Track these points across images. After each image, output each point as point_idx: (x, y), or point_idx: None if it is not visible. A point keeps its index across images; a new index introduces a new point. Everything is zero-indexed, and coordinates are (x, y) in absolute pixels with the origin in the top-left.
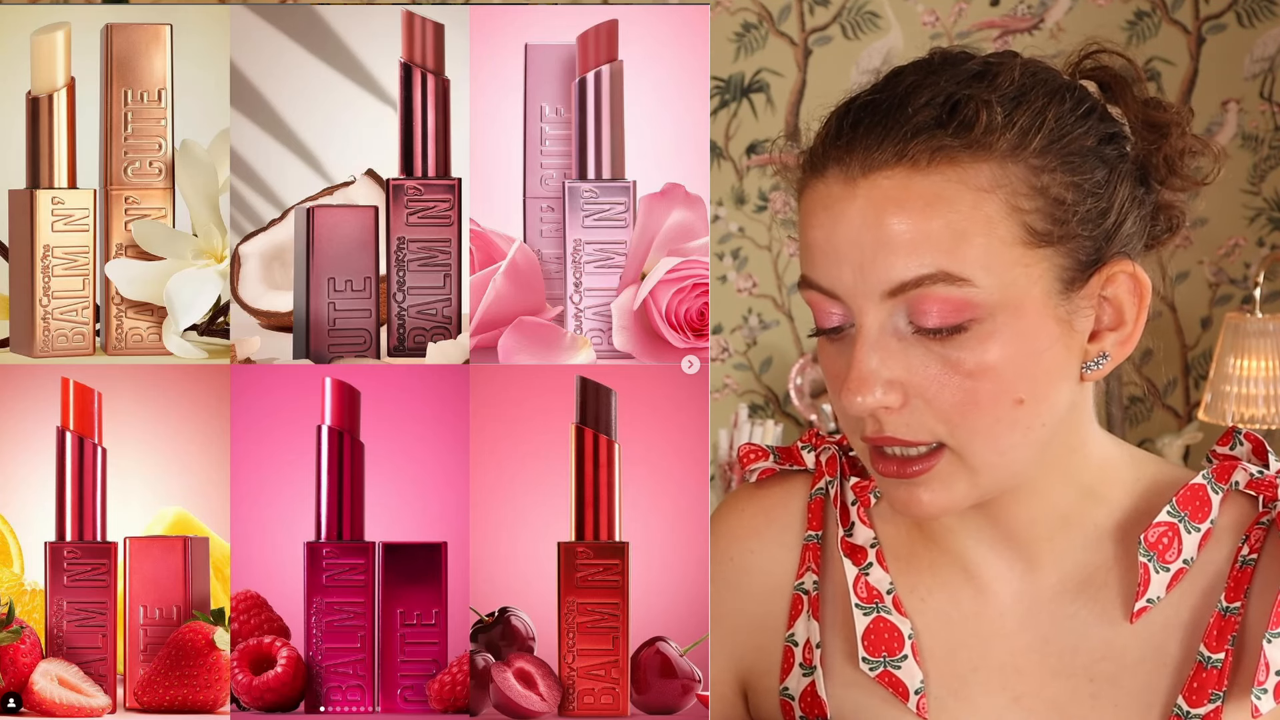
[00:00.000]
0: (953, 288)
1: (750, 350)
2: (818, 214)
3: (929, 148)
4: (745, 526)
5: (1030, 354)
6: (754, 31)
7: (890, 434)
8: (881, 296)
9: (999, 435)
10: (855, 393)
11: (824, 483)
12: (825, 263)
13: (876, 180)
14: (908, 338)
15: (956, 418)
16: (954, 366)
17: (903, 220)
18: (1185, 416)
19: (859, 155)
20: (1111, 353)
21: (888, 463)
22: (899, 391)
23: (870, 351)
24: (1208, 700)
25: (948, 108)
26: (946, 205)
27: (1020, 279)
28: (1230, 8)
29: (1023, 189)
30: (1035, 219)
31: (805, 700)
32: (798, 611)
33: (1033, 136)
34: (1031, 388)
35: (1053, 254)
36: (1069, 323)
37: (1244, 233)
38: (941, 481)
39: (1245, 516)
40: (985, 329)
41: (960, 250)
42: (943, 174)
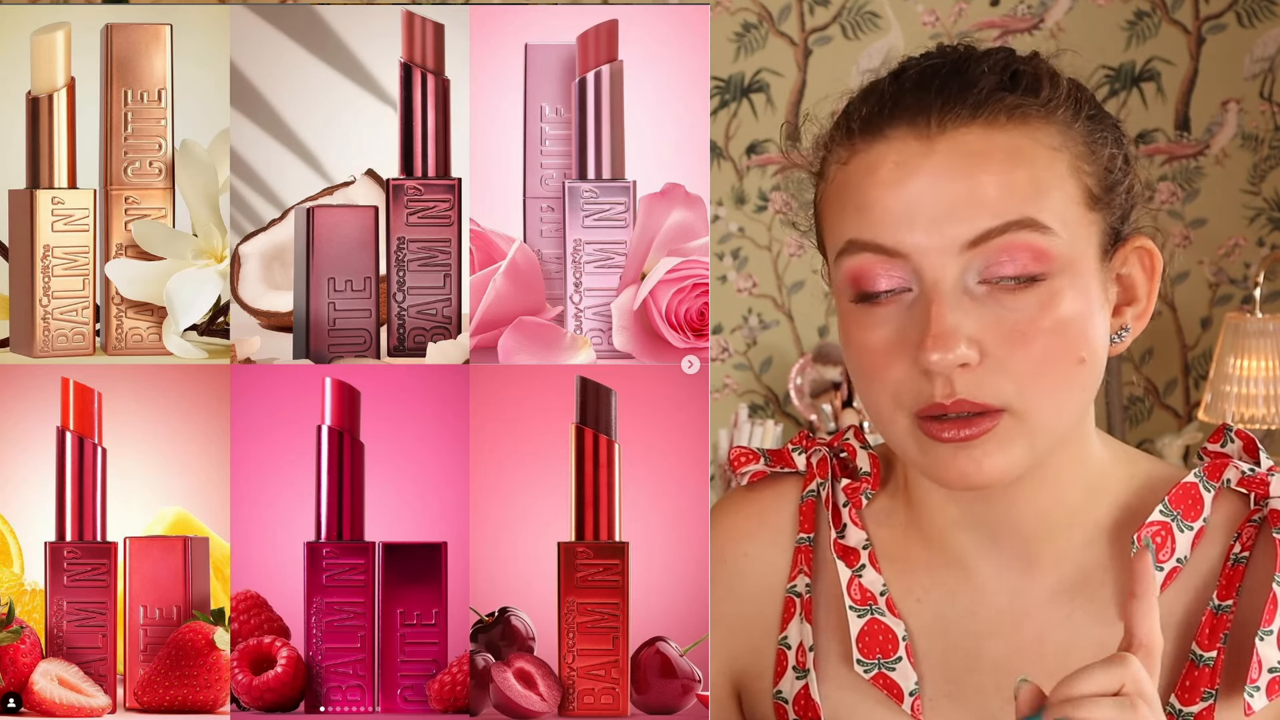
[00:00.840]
0: (1036, 234)
1: (750, 350)
2: (882, 171)
3: (1005, 106)
4: (738, 529)
5: (1089, 314)
6: (754, 31)
7: (962, 395)
8: (961, 249)
9: (1061, 393)
10: (938, 348)
11: (815, 485)
12: (890, 221)
13: (956, 136)
14: (979, 295)
15: (1028, 375)
16: (1028, 322)
17: (988, 172)
18: (1185, 416)
19: (934, 113)
20: (1131, 325)
21: (945, 426)
22: (977, 348)
23: (950, 308)
24: (1200, 698)
25: (1008, 74)
26: (1027, 159)
27: (1080, 239)
28: (1230, 8)
29: (1083, 152)
30: (1093, 181)
31: (799, 703)
32: (790, 614)
33: (1081, 107)
34: (1090, 348)
35: (1100, 219)
36: (1106, 290)
37: (1244, 233)
38: (1001, 446)
39: (1237, 514)
40: (1054, 285)
41: (1041, 200)
42: (1020, 130)
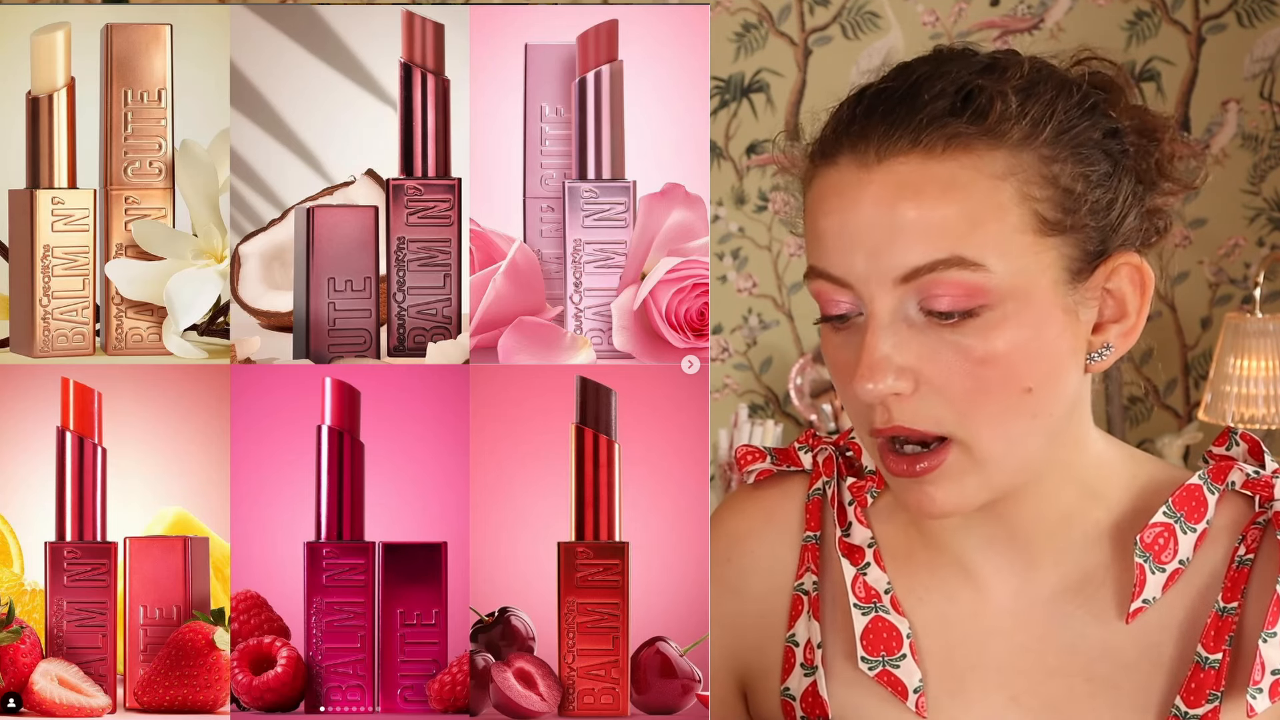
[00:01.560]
0: (966, 272)
1: (750, 350)
2: (829, 200)
3: (944, 135)
4: (744, 528)
5: (1039, 342)
6: (754, 31)
7: (899, 423)
8: (894, 282)
9: (1007, 423)
10: (867, 379)
11: (821, 483)
12: (836, 249)
13: (892, 166)
14: (918, 324)
15: (966, 405)
16: (964, 353)
17: (918, 206)
18: (1185, 416)
19: (874, 141)
20: (1115, 344)
21: (898, 461)
22: (910, 378)
23: (882, 338)
24: (1205, 700)
25: (961, 96)
26: (961, 191)
27: (1031, 266)
28: (1230, 8)
29: (1034, 178)
30: (1046, 207)
31: (806, 700)
32: (798, 612)
33: (1043, 127)
34: (1039, 376)
35: (1061, 243)
36: (1074, 313)
37: (1244, 233)
38: (952, 479)
39: (1242, 516)
40: (996, 315)
41: (974, 236)
42: (958, 161)
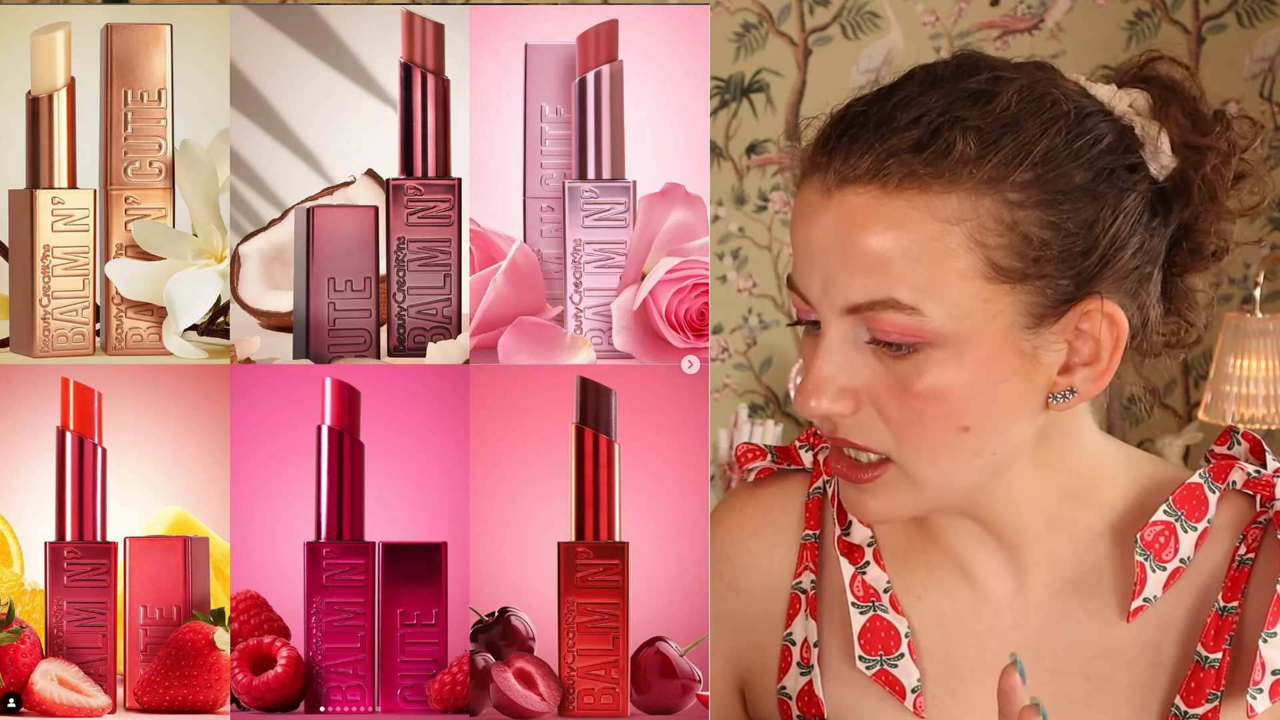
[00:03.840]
0: (900, 315)
1: (750, 350)
2: (799, 217)
3: (900, 171)
4: (743, 526)
5: (982, 385)
6: (754, 31)
7: (843, 436)
8: (842, 310)
9: (940, 456)
10: (808, 396)
11: (821, 482)
12: (801, 267)
13: (847, 195)
14: (866, 349)
15: (902, 433)
16: (904, 384)
17: (864, 240)
18: (1185, 416)
19: (836, 167)
20: (1080, 388)
21: (839, 461)
22: (850, 400)
23: (827, 359)
24: (1205, 700)
25: (929, 130)
26: (907, 232)
27: (976, 312)
28: (1230, 8)
29: (990, 224)
30: (1001, 255)
31: (803, 699)
32: (795, 610)
33: (1013, 169)
34: (980, 416)
35: (1019, 290)
36: (1034, 356)
37: (1244, 233)
38: (887, 492)
39: (1243, 516)
40: (937, 355)
41: (911, 278)
42: (909, 200)
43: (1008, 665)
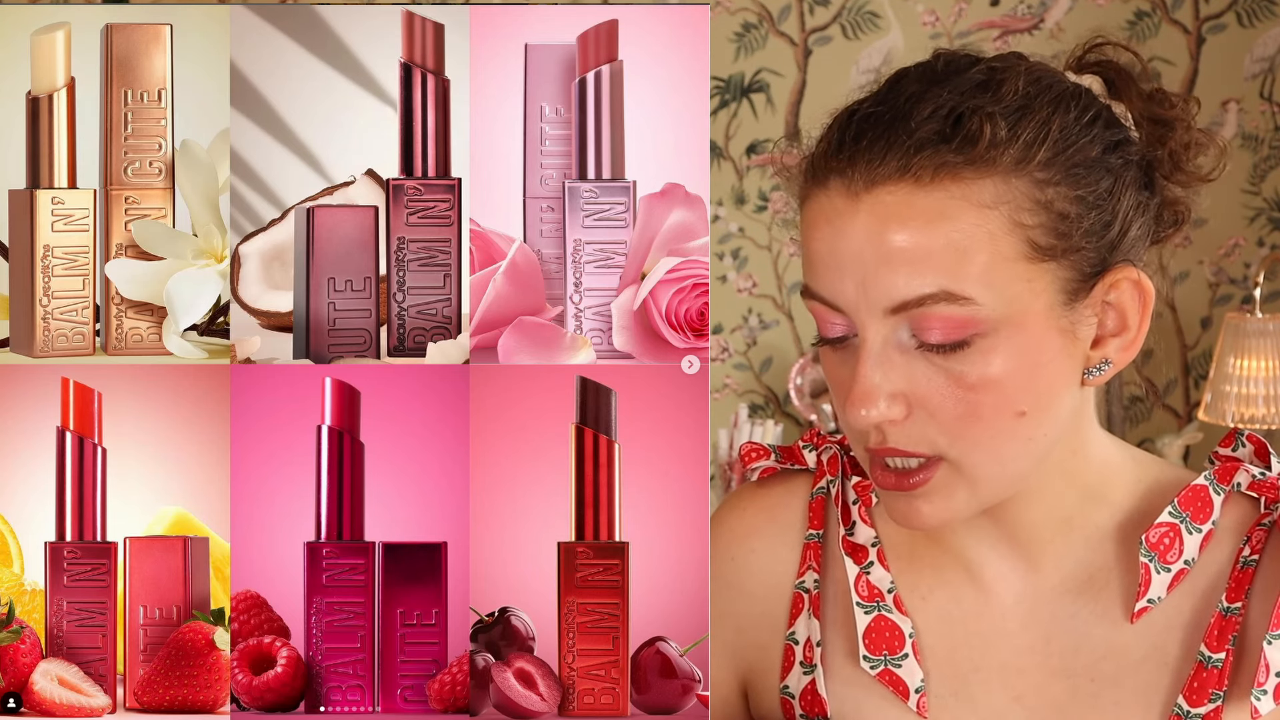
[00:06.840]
0: (955, 306)
1: (750, 350)
2: (820, 226)
3: (932, 163)
4: (746, 525)
5: (1033, 367)
6: (754, 31)
7: (893, 445)
8: (885, 312)
9: (1000, 446)
10: (860, 406)
11: (825, 482)
12: (828, 275)
13: (879, 195)
14: (910, 351)
15: (959, 430)
16: (957, 380)
17: (905, 237)
18: (1185, 416)
19: (862, 169)
20: (1114, 358)
21: (886, 475)
22: (903, 404)
23: (874, 366)
24: (1208, 700)
25: (951, 121)
26: (949, 222)
27: (1023, 294)
28: (1230, 8)
29: (1026, 204)
30: (1038, 234)
31: (805, 698)
32: (798, 610)
33: (1037, 149)
34: (1033, 400)
35: (1056, 267)
36: (1072, 332)
37: (1244, 233)
38: (940, 493)
39: (1247, 518)
40: (988, 343)
41: (962, 268)
42: (946, 190)
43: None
